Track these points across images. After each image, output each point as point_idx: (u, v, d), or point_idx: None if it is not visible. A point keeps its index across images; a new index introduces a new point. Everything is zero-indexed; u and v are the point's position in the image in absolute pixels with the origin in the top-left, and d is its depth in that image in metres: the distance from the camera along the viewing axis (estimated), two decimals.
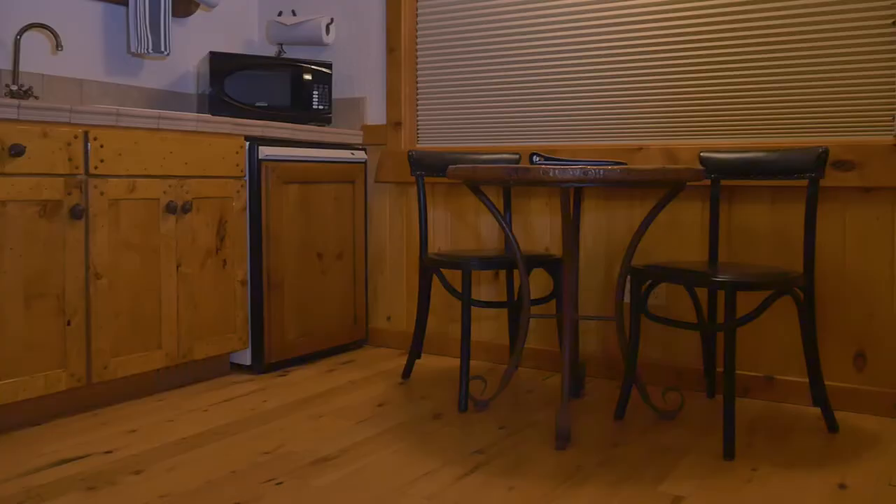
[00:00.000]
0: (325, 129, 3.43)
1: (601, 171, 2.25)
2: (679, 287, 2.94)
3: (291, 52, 3.84)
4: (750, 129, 2.86)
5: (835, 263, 2.73)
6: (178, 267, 2.85)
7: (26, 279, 2.41)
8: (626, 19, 3.05)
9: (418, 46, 3.53)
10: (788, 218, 2.79)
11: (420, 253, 3.01)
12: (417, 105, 3.56)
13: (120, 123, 2.64)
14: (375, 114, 3.64)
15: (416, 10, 3.52)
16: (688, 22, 2.93)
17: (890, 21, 2.61)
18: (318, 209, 3.33)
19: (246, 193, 3.09)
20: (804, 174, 2.51)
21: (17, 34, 2.94)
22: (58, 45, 2.96)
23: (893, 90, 2.63)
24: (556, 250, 3.23)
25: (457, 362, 3.42)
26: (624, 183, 2.29)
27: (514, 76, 3.30)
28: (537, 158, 2.53)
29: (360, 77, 3.68)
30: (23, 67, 3.02)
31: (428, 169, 3.05)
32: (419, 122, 3.57)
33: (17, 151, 2.36)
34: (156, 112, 2.75)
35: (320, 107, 3.50)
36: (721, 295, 2.79)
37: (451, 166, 2.52)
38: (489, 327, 3.40)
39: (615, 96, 3.10)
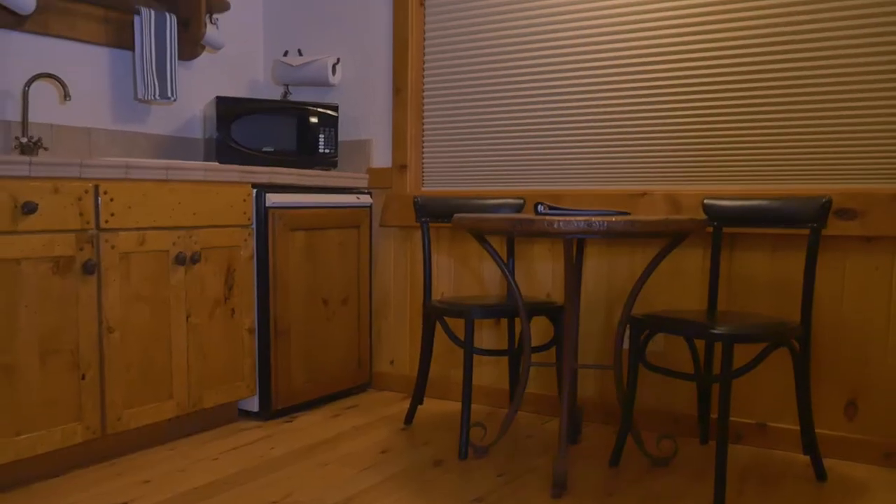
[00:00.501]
0: (332, 173, 3.47)
1: (605, 224, 2.29)
2: None
3: (297, 93, 3.89)
4: (754, 175, 2.90)
5: (832, 311, 2.76)
6: (187, 317, 2.88)
7: (41, 335, 2.44)
8: (631, 65, 3.09)
9: (425, 88, 3.58)
10: (789, 266, 2.82)
11: (424, 299, 3.05)
12: (423, 147, 3.61)
13: (129, 176, 2.68)
14: (381, 156, 3.68)
15: (423, 51, 3.57)
16: (691, 66, 2.98)
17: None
18: (323, 255, 3.37)
19: (253, 242, 3.12)
20: (806, 224, 2.54)
21: (26, 85, 2.98)
22: (66, 95, 3.00)
23: None
24: (558, 295, 3.26)
25: (458, 406, 3.45)
26: (628, 235, 2.34)
27: (520, 120, 3.35)
28: (542, 207, 2.57)
29: (366, 118, 3.72)
30: (31, 118, 3.07)
31: (433, 215, 3.09)
32: (424, 165, 3.61)
33: (29, 209, 2.39)
34: (164, 163, 2.79)
35: (326, 150, 3.54)
36: (718, 345, 2.82)
37: (456, 216, 2.57)
38: (489, 372, 3.43)
39: (619, 142, 3.14)
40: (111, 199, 2.62)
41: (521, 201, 3.20)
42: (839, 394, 2.76)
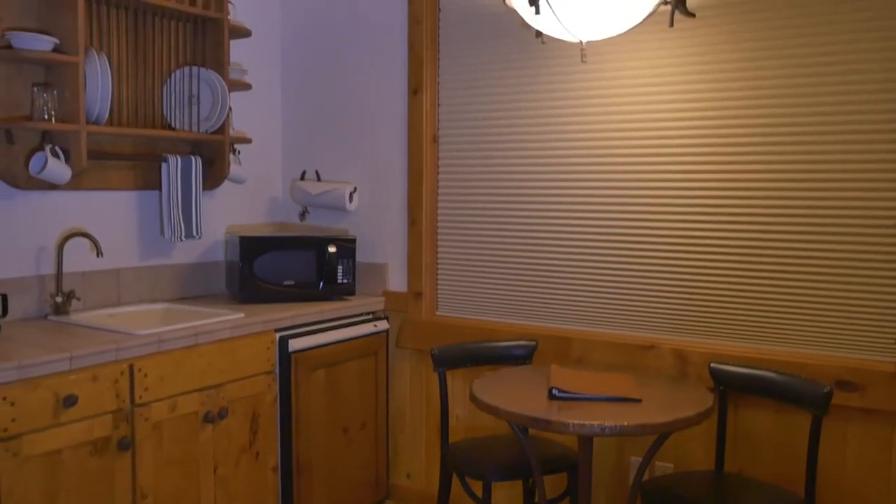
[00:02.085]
0: (350, 302, 3.61)
1: (617, 427, 2.43)
2: None
3: (315, 213, 4.01)
4: (760, 336, 3.02)
5: (834, 477, 2.89)
6: (214, 470, 3.02)
7: None
8: (641, 218, 3.22)
9: (439, 220, 3.70)
10: (792, 426, 2.95)
11: (441, 447, 3.17)
12: (438, 276, 3.73)
13: (162, 349, 2.81)
14: (397, 281, 3.81)
15: (437, 184, 3.69)
16: (701, 223, 3.11)
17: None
18: (343, 387, 3.50)
19: (276, 386, 3.25)
20: (808, 407, 2.67)
21: (59, 245, 3.11)
22: (98, 253, 3.12)
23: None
24: None
25: None
26: (638, 435, 2.47)
27: (533, 258, 3.47)
28: (556, 391, 2.70)
29: (382, 243, 3.84)
30: (65, 269, 3.19)
31: (449, 364, 3.22)
32: (439, 292, 3.74)
33: (70, 402, 2.53)
34: (193, 329, 2.92)
35: (345, 280, 3.66)
36: None
37: (475, 394, 2.70)
38: (504, 498, 3.57)
39: (628, 289, 3.26)
40: (145, 375, 2.75)
41: (534, 344, 3.32)
42: None
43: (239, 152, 3.73)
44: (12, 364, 2.40)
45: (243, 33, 3.65)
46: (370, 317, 3.73)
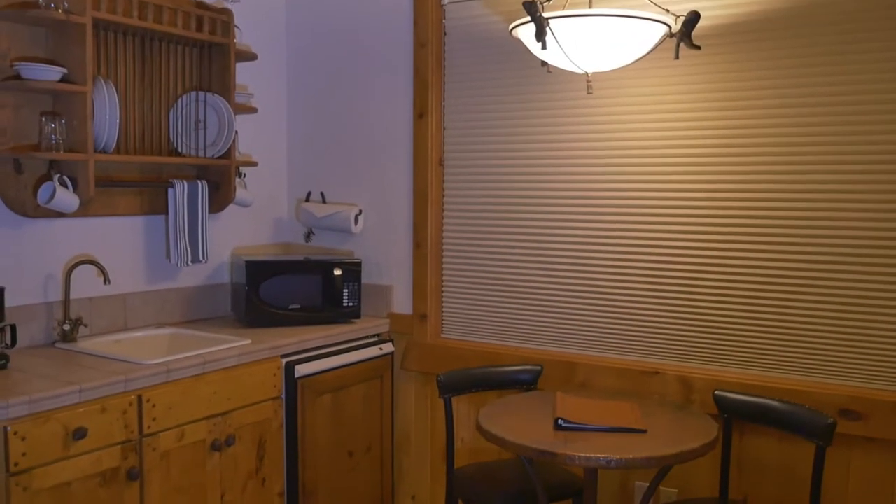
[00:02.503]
0: (356, 326, 3.62)
1: (623, 461, 2.45)
2: None
3: (320, 234, 4.02)
4: (764, 364, 3.03)
5: (838, 501, 2.91)
6: (222, 496, 3.04)
7: None
8: (647, 245, 3.24)
9: (444, 243, 3.72)
10: (795, 455, 2.97)
11: (447, 474, 3.19)
12: (442, 299, 3.75)
13: (170, 378, 2.83)
14: (402, 303, 3.82)
15: (443, 207, 3.71)
16: (705, 254, 3.13)
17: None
18: (349, 411, 3.52)
19: (283, 412, 3.27)
20: (812, 438, 2.68)
21: (67, 272, 3.12)
22: (105, 280, 3.14)
23: None
24: None
25: None
26: (645, 467, 2.49)
27: (537, 282, 3.49)
28: (562, 422, 2.72)
29: (387, 265, 3.86)
30: (72, 295, 3.20)
31: (455, 390, 3.23)
32: (444, 315, 3.75)
33: (80, 435, 2.54)
34: (201, 357, 2.94)
35: (350, 304, 3.68)
36: None
37: (482, 425, 2.72)
38: None
39: (634, 315, 3.28)
40: (153, 406, 2.77)
41: (539, 368, 3.33)
42: None
43: (245, 175, 3.74)
44: (23, 399, 2.41)
45: (249, 57, 3.67)
46: (375, 339, 3.74)
